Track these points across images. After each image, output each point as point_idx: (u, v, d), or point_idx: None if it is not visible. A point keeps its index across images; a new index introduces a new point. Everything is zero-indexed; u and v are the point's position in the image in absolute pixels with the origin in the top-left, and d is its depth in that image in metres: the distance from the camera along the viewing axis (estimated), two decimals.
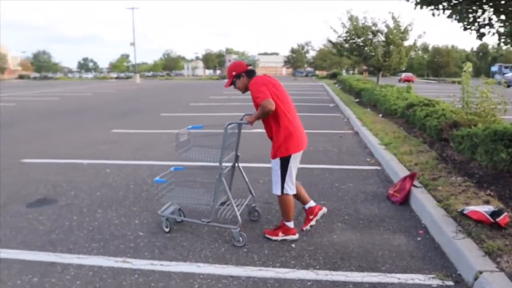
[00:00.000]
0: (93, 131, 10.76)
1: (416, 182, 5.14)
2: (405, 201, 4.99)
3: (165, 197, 4.45)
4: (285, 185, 3.97)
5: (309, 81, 52.63)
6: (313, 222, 4.20)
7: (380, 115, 12.27)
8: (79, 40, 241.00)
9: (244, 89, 4.10)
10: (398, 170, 5.92)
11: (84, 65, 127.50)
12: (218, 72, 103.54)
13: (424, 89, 31.49)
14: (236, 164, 4.37)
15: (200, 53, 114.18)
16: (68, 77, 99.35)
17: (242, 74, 4.05)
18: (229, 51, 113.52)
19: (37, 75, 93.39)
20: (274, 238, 4.06)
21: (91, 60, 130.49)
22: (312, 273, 3.41)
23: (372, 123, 10.44)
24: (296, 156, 3.97)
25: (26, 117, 14.48)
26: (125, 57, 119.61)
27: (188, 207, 4.38)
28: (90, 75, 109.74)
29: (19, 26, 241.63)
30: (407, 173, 5.61)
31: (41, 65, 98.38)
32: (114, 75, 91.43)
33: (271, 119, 3.89)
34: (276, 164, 3.98)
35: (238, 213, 3.96)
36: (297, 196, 4.17)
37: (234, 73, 4.07)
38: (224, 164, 3.99)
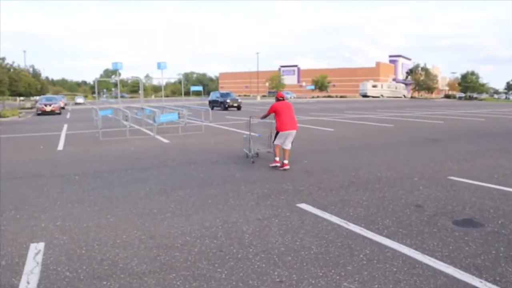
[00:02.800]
0: None
1: None
2: None
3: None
4: (276, 141, 8.86)
5: None
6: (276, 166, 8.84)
7: None
8: (508, 60, 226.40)
9: None
10: None
11: None
12: None
13: None
14: (272, 135, 9.54)
15: None
16: (493, 98, 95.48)
17: (276, 98, 9.13)
18: None
19: (462, 95, 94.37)
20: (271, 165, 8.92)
21: None
22: None
23: None
24: (284, 134, 8.71)
25: (452, 135, 14.91)
26: None
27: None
28: None
29: (451, 49, 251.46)
30: None
31: (467, 85, 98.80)
32: None
33: (276, 118, 8.99)
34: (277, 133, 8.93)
35: (252, 151, 9.61)
36: (283, 153, 8.76)
37: (276, 96, 9.28)
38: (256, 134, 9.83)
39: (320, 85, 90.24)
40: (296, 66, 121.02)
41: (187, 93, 60.53)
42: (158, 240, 4.65)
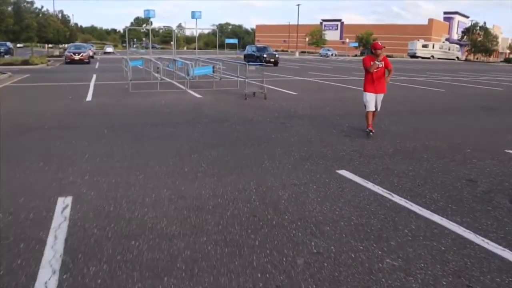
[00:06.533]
0: None
1: None
2: None
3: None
4: (365, 105, 8.28)
5: None
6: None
7: None
8: None
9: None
10: None
11: None
12: None
13: None
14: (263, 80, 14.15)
15: None
16: None
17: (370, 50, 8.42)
18: None
19: None
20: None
21: None
22: None
23: None
24: (369, 95, 8.15)
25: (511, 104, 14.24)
26: None
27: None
28: None
29: None
30: None
31: None
32: None
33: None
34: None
35: (247, 91, 13.91)
36: (370, 117, 8.20)
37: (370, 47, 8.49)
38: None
39: (365, 42, 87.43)
40: (339, 20, 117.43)
41: (222, 46, 60.23)
42: (189, 201, 4.67)
